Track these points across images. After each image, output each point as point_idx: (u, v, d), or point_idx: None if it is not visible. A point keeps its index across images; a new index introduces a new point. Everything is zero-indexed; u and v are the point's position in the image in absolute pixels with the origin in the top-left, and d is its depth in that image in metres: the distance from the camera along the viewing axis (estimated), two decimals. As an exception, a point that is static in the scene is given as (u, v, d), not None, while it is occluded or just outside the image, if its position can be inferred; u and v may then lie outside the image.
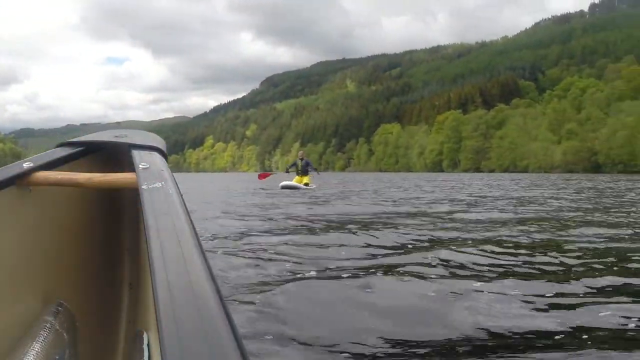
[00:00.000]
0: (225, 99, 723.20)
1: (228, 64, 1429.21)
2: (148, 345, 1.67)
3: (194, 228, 1.25)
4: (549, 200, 16.76)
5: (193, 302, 0.88)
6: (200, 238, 1.19)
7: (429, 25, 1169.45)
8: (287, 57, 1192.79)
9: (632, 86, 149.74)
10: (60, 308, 1.97)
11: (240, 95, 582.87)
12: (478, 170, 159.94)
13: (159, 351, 0.81)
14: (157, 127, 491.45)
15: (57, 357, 1.69)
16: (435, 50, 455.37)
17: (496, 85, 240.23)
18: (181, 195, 1.54)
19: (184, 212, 1.36)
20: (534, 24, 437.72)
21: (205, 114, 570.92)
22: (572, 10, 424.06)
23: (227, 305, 0.88)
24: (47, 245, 2.13)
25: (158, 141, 2.48)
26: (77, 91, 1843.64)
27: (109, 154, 2.63)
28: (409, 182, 43.20)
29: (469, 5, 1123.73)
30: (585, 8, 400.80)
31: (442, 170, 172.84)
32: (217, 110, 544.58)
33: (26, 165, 2.02)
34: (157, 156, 2.14)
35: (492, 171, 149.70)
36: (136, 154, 2.13)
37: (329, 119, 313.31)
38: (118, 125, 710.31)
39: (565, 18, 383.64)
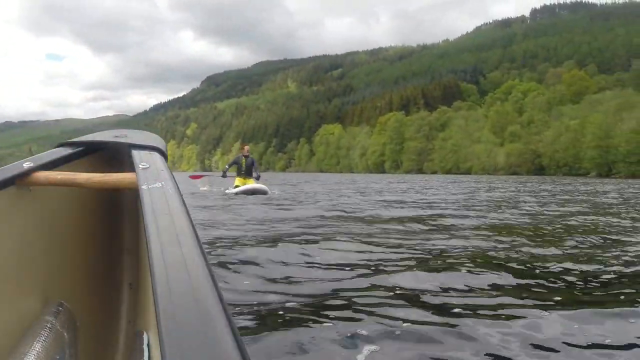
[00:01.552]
0: (165, 97, 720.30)
1: (169, 62, 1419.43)
2: (148, 345, 1.66)
3: (194, 228, 1.25)
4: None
5: (193, 302, 0.88)
6: (201, 238, 1.18)
7: (372, 27, 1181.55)
8: (228, 56, 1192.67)
9: (573, 90, 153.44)
10: (60, 308, 1.97)
11: (181, 94, 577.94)
12: (420, 171, 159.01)
13: (159, 351, 0.80)
14: (97, 126, 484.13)
15: (57, 357, 1.68)
16: (377, 52, 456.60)
17: (438, 87, 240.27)
18: (181, 195, 1.53)
19: (184, 212, 1.36)
20: (475, 27, 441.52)
21: (145, 113, 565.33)
22: (513, 15, 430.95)
23: (227, 306, 0.88)
24: (47, 245, 2.13)
25: (158, 141, 2.48)
26: (15, 88, 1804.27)
27: (109, 154, 2.63)
28: (370, 182, 43.20)
29: (411, 8, 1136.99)
30: (527, 13, 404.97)
31: (384, 172, 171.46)
32: (157, 108, 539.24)
33: (26, 165, 2.02)
34: (157, 156, 2.14)
35: (434, 172, 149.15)
36: (136, 154, 2.13)
37: (270, 119, 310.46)
38: (57, 123, 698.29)
39: (507, 22, 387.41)
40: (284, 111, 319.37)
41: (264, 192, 19.26)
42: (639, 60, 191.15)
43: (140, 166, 1.89)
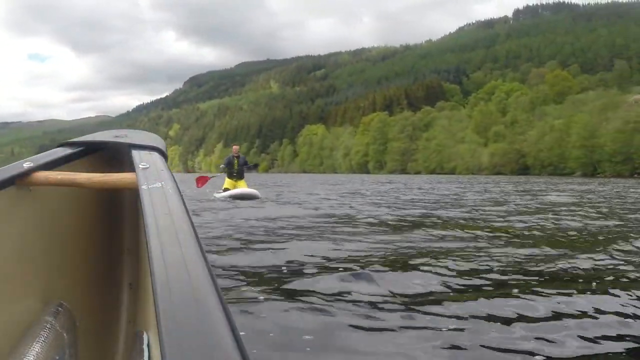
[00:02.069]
0: (148, 98, 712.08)
1: (151, 63, 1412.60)
2: (148, 345, 1.67)
3: (194, 228, 1.25)
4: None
5: (193, 302, 0.88)
6: (201, 238, 1.19)
7: (354, 27, 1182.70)
8: (211, 57, 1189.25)
9: (556, 90, 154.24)
10: (60, 308, 1.97)
11: (163, 95, 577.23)
12: (404, 171, 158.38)
13: (159, 351, 0.80)
14: (79, 127, 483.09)
15: (57, 357, 1.68)
16: (360, 52, 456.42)
17: (421, 87, 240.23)
18: (181, 195, 1.53)
19: (184, 212, 1.36)
20: (458, 28, 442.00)
21: (127, 114, 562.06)
22: (496, 16, 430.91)
23: (227, 305, 0.88)
24: (47, 245, 2.13)
25: (158, 141, 2.49)
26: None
27: (109, 154, 2.64)
28: (359, 182, 43.18)
29: (394, 8, 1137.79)
30: (509, 14, 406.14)
31: (367, 172, 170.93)
32: (140, 109, 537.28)
33: (26, 165, 2.02)
34: (157, 156, 2.14)
35: (418, 173, 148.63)
36: (136, 154, 2.14)
37: (253, 119, 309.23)
38: (40, 124, 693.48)
39: (489, 23, 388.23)
40: (266, 112, 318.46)
41: (254, 197, 17.75)
42: (621, 61, 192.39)
43: (140, 166, 1.89)
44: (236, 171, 19.36)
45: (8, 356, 1.58)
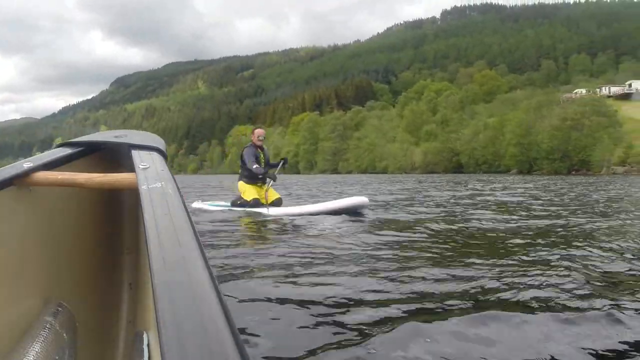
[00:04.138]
0: (74, 99, 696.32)
1: (78, 64, 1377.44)
2: (148, 345, 1.67)
3: (194, 228, 1.25)
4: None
5: (193, 302, 0.87)
6: (200, 238, 1.19)
7: (282, 28, 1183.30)
8: (138, 57, 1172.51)
9: (485, 90, 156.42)
10: (60, 308, 1.97)
11: (90, 96, 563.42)
12: (335, 171, 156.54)
13: (159, 351, 0.79)
14: (3, 129, 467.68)
15: (57, 357, 1.68)
16: (288, 52, 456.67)
17: (351, 87, 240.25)
18: (181, 195, 1.53)
19: (183, 212, 1.36)
20: (386, 29, 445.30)
21: (53, 115, 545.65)
22: (424, 17, 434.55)
23: (227, 306, 0.88)
24: (47, 245, 2.13)
25: (158, 141, 2.49)
26: None
27: (109, 154, 2.64)
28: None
29: (321, 9, 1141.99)
30: (437, 15, 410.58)
31: (298, 172, 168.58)
32: (66, 111, 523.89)
33: (26, 165, 2.03)
34: (156, 156, 2.14)
35: (349, 172, 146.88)
36: (136, 154, 2.14)
37: (181, 120, 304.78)
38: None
39: (418, 24, 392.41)
40: (194, 112, 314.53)
41: (364, 207, 11.26)
42: (548, 61, 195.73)
43: (140, 166, 1.89)
44: (263, 171, 12.12)
45: (8, 356, 1.58)
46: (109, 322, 2.38)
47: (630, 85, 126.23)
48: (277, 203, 12.06)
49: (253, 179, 12.35)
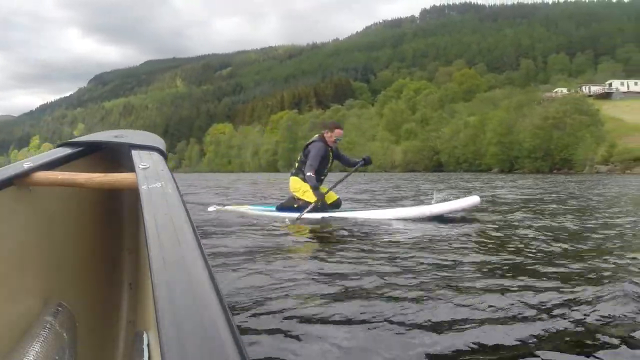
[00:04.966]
0: (52, 97, 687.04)
1: (56, 61, 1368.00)
2: (148, 345, 1.66)
3: (194, 228, 1.24)
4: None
5: (193, 302, 0.88)
6: (200, 238, 1.19)
7: (260, 26, 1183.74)
8: (116, 55, 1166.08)
9: (464, 88, 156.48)
10: (60, 308, 1.97)
11: (67, 94, 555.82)
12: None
13: (159, 351, 0.79)
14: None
15: (57, 357, 1.68)
16: (267, 51, 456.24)
17: (330, 85, 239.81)
18: (181, 195, 1.53)
19: (183, 212, 1.36)
20: (365, 27, 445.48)
21: (31, 113, 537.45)
22: (403, 16, 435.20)
23: (226, 306, 0.88)
24: (47, 245, 2.13)
25: (158, 141, 2.51)
26: None
27: (109, 154, 2.64)
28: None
29: (300, 8, 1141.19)
30: (416, 14, 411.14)
31: (277, 170, 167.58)
32: (44, 109, 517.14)
33: (26, 165, 2.03)
34: (156, 156, 2.15)
35: (329, 170, 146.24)
36: (136, 154, 2.14)
37: (159, 119, 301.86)
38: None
39: (397, 23, 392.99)
40: (172, 111, 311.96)
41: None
42: (527, 60, 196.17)
43: (140, 166, 1.89)
44: (314, 185, 10.06)
45: (8, 356, 1.58)
46: (109, 322, 2.37)
47: (610, 84, 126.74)
48: (337, 204, 10.40)
49: (317, 179, 10.25)
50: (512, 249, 6.19)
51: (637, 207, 12.90)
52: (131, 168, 1.99)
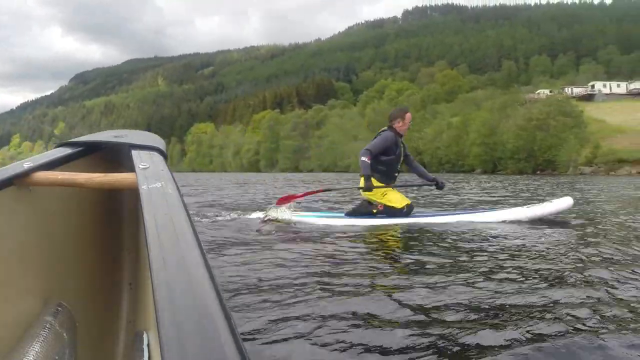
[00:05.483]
0: (32, 95, 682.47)
1: (37, 59, 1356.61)
2: (148, 345, 1.67)
3: (193, 228, 1.25)
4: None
5: (193, 302, 0.88)
6: (200, 238, 1.19)
7: (242, 26, 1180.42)
8: (97, 54, 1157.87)
9: (446, 89, 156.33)
10: (60, 308, 1.98)
11: (48, 93, 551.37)
12: (297, 170, 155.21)
13: (159, 351, 0.79)
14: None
15: (57, 357, 1.68)
16: (249, 50, 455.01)
17: (312, 85, 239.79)
18: (181, 195, 1.53)
19: (183, 212, 1.36)
20: (347, 27, 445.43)
21: (12, 111, 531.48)
22: (385, 17, 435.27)
23: (226, 306, 0.88)
24: (47, 245, 2.14)
25: (158, 141, 2.51)
26: None
27: (109, 154, 2.64)
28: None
29: (282, 8, 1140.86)
30: (399, 14, 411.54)
31: (259, 170, 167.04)
32: (25, 107, 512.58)
33: (26, 165, 2.03)
34: (156, 156, 2.15)
35: (310, 171, 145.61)
36: (136, 154, 2.15)
37: (140, 118, 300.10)
38: None
39: (379, 23, 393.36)
40: (154, 110, 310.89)
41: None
42: (509, 61, 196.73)
43: (140, 166, 1.90)
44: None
45: (8, 356, 1.59)
46: (109, 322, 2.38)
47: (592, 86, 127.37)
48: (410, 209, 8.86)
49: (389, 176, 8.94)
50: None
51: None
52: (131, 168, 1.99)
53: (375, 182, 8.72)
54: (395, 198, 8.73)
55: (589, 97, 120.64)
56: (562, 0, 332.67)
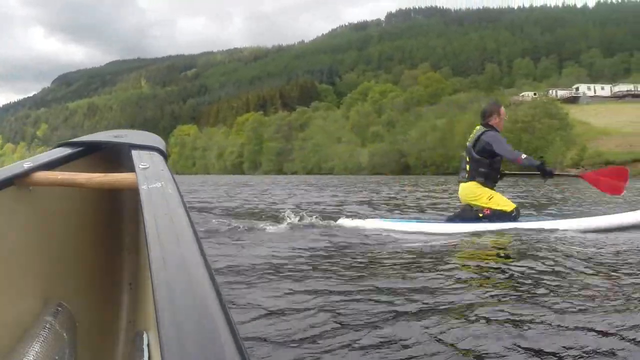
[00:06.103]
0: (15, 97, 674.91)
1: (18, 60, 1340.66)
2: (148, 345, 1.67)
3: (193, 228, 1.25)
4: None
5: (192, 302, 0.88)
6: (200, 238, 1.18)
7: (226, 27, 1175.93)
8: (80, 55, 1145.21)
9: (429, 92, 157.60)
10: (60, 308, 1.98)
11: (31, 94, 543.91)
12: (280, 172, 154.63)
13: (159, 351, 0.80)
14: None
15: (57, 357, 1.68)
16: (232, 52, 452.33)
17: (295, 87, 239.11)
18: (181, 195, 1.54)
19: (183, 212, 1.36)
20: (330, 30, 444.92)
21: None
22: (368, 19, 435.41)
23: (226, 306, 0.87)
24: (47, 245, 2.14)
25: (158, 141, 2.51)
26: None
27: (109, 154, 2.65)
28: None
29: (265, 9, 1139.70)
30: (382, 17, 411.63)
31: (242, 173, 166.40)
32: (7, 109, 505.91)
33: (26, 165, 2.03)
34: (156, 156, 2.16)
35: (294, 173, 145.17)
36: (136, 154, 2.15)
37: (123, 119, 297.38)
38: None
39: (362, 25, 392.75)
40: (137, 111, 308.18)
41: None
42: (492, 64, 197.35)
43: (140, 166, 1.90)
44: (535, 163, 8.61)
45: (8, 356, 1.59)
46: (109, 322, 2.38)
47: (577, 89, 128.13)
48: (518, 213, 8.30)
49: (492, 180, 8.59)
50: None
51: None
52: (131, 168, 1.99)
53: (480, 188, 8.41)
54: (503, 201, 8.32)
55: (573, 100, 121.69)
56: (545, 4, 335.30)
